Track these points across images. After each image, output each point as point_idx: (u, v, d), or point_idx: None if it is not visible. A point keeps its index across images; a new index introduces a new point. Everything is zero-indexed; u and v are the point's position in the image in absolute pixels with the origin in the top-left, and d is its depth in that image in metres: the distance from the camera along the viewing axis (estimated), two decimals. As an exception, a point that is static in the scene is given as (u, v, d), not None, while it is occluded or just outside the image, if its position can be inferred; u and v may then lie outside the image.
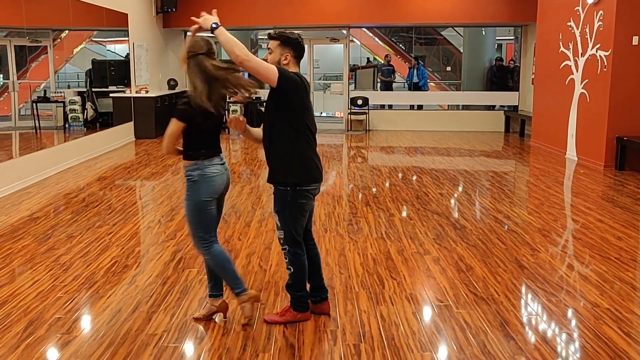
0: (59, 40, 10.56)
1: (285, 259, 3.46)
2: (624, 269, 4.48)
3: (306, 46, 15.98)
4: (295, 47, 3.34)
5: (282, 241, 3.42)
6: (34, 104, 9.56)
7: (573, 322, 3.57)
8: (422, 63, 15.51)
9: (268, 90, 3.31)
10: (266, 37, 3.54)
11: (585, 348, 3.23)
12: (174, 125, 3.22)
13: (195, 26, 3.23)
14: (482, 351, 3.18)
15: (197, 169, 3.30)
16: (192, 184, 3.32)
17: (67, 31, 10.70)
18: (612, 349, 3.20)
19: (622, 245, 5.08)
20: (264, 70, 3.12)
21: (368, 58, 17.21)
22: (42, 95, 9.97)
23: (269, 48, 3.37)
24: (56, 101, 10.10)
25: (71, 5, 9.75)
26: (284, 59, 3.32)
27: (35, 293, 3.99)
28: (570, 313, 3.70)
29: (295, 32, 3.40)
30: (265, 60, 3.31)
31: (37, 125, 9.50)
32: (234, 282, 3.43)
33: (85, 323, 3.56)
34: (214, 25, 3.13)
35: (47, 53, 9.82)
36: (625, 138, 8.49)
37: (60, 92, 10.30)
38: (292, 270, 3.45)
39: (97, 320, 3.58)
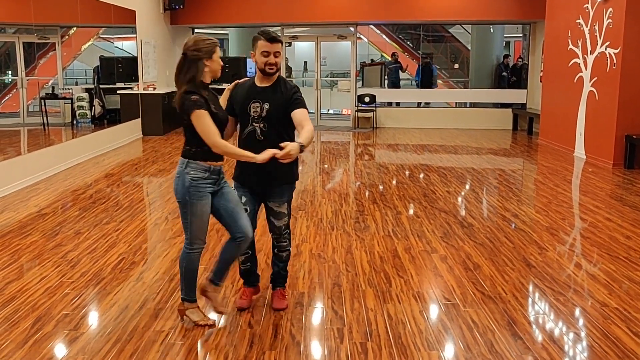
0: (67, 37, 10.59)
1: (287, 241, 3.71)
2: (633, 268, 4.45)
3: (313, 43, 15.84)
4: None
5: (286, 227, 3.67)
6: (42, 101, 9.59)
7: (581, 322, 3.55)
8: (431, 61, 15.40)
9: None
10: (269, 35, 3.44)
11: (593, 348, 3.21)
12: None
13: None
14: (489, 350, 3.17)
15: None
16: None
17: (75, 28, 10.74)
18: (620, 349, 3.18)
19: (630, 244, 5.04)
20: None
21: (365, 62, 16.97)
22: (50, 91, 10.00)
23: (277, 52, 3.36)
24: (64, 98, 10.14)
25: (79, 2, 9.78)
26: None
27: (43, 289, 4.01)
28: (578, 312, 3.68)
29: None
30: (275, 64, 3.36)
31: (45, 121, 9.53)
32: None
33: (93, 319, 3.57)
34: (302, 147, 3.17)
35: (55, 50, 9.85)
36: (634, 136, 8.43)
37: (68, 89, 10.35)
38: (289, 250, 3.76)
39: (104, 317, 3.59)
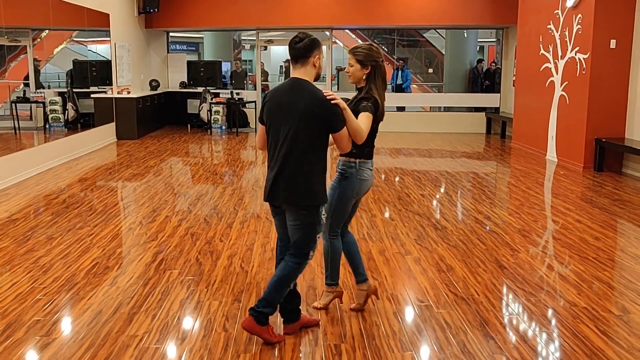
0: (38, 40, 10.44)
1: None
2: (601, 268, 4.55)
3: (286, 47, 15.96)
4: None
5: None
6: (13, 105, 9.44)
7: (552, 322, 3.62)
8: (407, 65, 15.57)
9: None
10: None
11: (564, 347, 3.28)
12: (369, 120, 3.32)
13: None
14: (462, 351, 3.21)
15: (353, 168, 3.46)
16: (343, 179, 3.48)
17: (47, 31, 10.59)
18: (589, 348, 3.25)
19: (599, 245, 5.16)
20: None
21: (340, 66, 16.82)
22: (22, 95, 9.85)
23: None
24: (36, 101, 9.99)
25: (51, 5, 9.65)
26: None
27: (13, 295, 3.95)
28: (549, 313, 3.75)
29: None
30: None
31: (16, 125, 9.39)
32: (333, 274, 3.67)
33: (65, 325, 3.53)
34: None
35: (26, 53, 9.71)
36: (603, 140, 8.61)
37: (41, 93, 10.20)
38: None
39: (77, 322, 3.55)
